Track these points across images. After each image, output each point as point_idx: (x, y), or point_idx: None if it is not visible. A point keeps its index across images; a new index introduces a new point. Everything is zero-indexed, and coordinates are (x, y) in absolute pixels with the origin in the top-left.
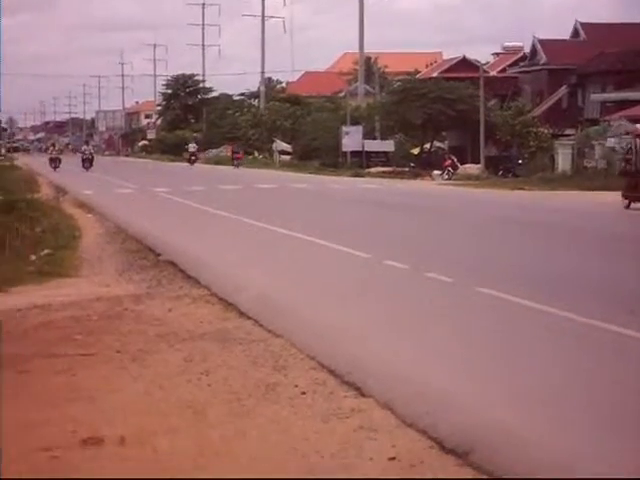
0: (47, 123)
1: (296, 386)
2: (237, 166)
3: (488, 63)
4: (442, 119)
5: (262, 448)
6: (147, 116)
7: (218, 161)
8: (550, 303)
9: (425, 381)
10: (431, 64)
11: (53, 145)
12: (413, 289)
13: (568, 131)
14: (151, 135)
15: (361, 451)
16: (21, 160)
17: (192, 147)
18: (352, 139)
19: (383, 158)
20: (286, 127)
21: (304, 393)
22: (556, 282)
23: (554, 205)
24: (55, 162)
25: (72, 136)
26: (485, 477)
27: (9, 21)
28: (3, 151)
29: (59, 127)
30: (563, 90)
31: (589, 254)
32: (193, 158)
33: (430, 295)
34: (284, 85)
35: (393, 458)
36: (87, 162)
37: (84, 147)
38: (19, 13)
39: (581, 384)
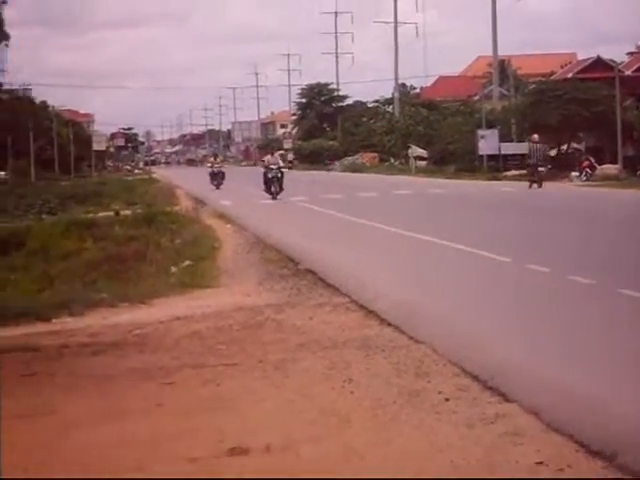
0: (184, 136)
1: (440, 392)
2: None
3: (623, 62)
4: (578, 120)
5: (407, 455)
6: (282, 126)
7: (355, 169)
8: None
9: (570, 386)
10: (565, 65)
11: (215, 156)
12: (555, 293)
13: None
14: (287, 145)
15: (507, 456)
16: (160, 173)
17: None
18: (488, 142)
19: (519, 161)
20: (421, 132)
21: (448, 399)
22: None
23: None
24: (217, 178)
25: (209, 148)
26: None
27: (145, 33)
28: (141, 164)
29: (195, 139)
30: None
31: None
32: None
33: (573, 299)
34: (418, 91)
35: (540, 462)
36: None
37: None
38: (154, 25)
39: None
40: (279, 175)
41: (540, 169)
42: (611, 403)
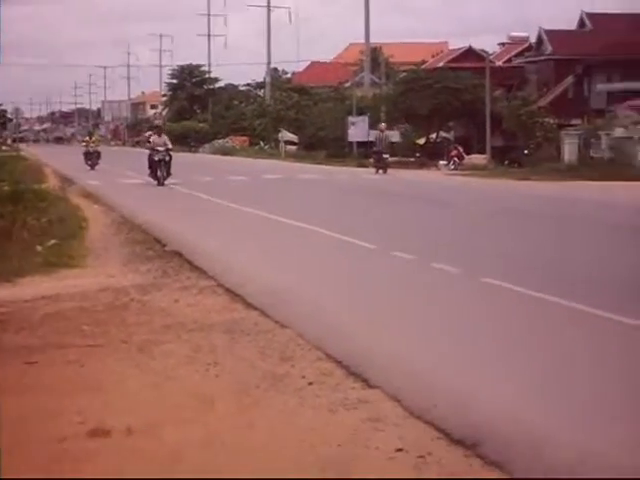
0: (53, 113)
1: (303, 377)
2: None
3: (494, 53)
4: (448, 109)
5: (270, 439)
6: (153, 106)
7: (224, 152)
8: (554, 293)
9: (432, 373)
10: (437, 54)
11: (90, 135)
12: (419, 280)
13: (574, 121)
14: (159, 124)
15: (368, 442)
16: (29, 151)
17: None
18: (358, 129)
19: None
20: (292, 117)
21: (311, 384)
22: (562, 273)
23: (561, 196)
24: (92, 158)
25: (78, 127)
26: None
27: (16, 11)
28: (9, 141)
29: (65, 117)
30: (569, 80)
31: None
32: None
33: (436, 286)
34: (290, 75)
35: (400, 449)
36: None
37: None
38: (27, 3)
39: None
40: (167, 158)
41: (384, 156)
42: (473, 392)
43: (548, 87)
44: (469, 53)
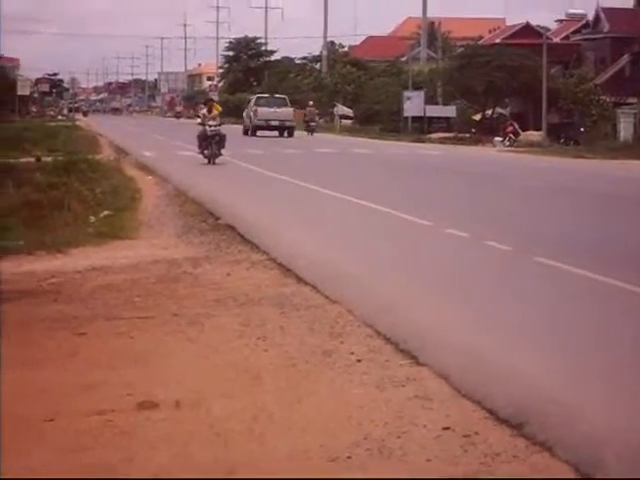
0: (109, 84)
1: (352, 353)
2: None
3: (551, 30)
4: (504, 87)
5: (317, 415)
6: (209, 78)
7: None
8: (605, 272)
9: (481, 351)
10: (494, 30)
11: (208, 104)
12: (472, 258)
13: (630, 100)
14: (213, 97)
15: (415, 420)
16: (84, 121)
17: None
18: (414, 104)
19: (444, 124)
20: (348, 91)
21: (360, 360)
22: (615, 252)
23: (617, 174)
24: (211, 143)
25: (134, 97)
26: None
27: None
28: (65, 111)
29: (121, 88)
30: (626, 58)
31: None
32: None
33: (489, 264)
34: (347, 49)
35: (447, 428)
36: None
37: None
38: None
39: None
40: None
41: (312, 124)
42: (521, 371)
43: (605, 65)
44: (526, 29)
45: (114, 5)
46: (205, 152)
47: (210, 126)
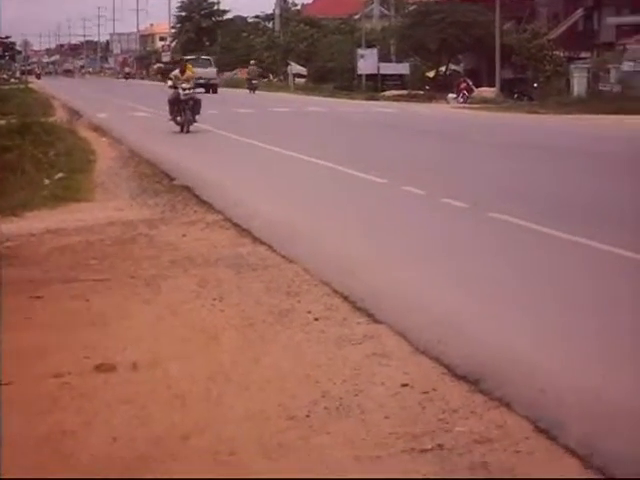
0: (62, 46)
1: (309, 312)
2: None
3: None
4: (457, 44)
5: (275, 374)
6: (162, 39)
7: (232, 84)
8: (559, 227)
9: (438, 308)
10: None
11: (181, 64)
12: (428, 215)
13: (583, 54)
14: (165, 58)
15: (373, 377)
16: (38, 83)
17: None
18: (367, 62)
19: (398, 81)
20: (301, 50)
21: (317, 319)
22: (570, 207)
23: (569, 130)
24: (184, 109)
25: (87, 59)
26: None
27: None
28: (18, 74)
29: (73, 50)
30: (579, 13)
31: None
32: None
33: (444, 220)
34: (299, 7)
35: (405, 385)
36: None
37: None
38: None
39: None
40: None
41: (254, 82)
42: (478, 328)
43: (558, 20)
44: None
45: None
46: (178, 119)
47: (183, 89)
